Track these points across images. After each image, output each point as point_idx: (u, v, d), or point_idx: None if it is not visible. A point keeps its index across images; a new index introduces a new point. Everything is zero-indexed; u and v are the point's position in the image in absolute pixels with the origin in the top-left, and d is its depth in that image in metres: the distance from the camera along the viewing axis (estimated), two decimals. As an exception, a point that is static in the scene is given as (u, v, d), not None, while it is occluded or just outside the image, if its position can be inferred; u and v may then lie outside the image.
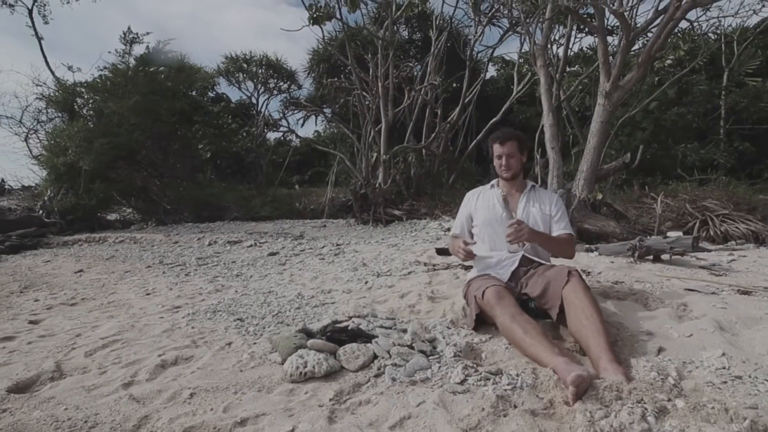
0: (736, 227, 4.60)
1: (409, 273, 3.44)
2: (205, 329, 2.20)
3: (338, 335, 1.83)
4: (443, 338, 1.88)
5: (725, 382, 1.41)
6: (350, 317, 2.16)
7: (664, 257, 3.53)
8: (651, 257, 3.53)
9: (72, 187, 7.61)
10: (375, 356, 1.68)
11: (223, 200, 8.86)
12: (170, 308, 2.74)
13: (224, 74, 15.73)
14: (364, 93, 8.45)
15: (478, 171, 10.82)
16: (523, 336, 1.67)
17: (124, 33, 9.73)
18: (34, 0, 11.57)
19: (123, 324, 2.37)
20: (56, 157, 7.46)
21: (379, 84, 8.11)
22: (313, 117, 13.72)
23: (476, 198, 2.38)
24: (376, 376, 1.57)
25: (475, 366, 1.60)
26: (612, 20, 5.70)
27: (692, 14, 5.03)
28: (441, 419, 1.26)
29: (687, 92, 9.67)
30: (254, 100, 16.36)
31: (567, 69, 8.39)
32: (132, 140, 7.89)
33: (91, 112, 8.33)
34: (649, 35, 5.55)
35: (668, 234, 4.34)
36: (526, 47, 9.06)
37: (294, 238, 6.11)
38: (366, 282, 3.20)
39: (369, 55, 8.79)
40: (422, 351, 1.71)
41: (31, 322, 2.65)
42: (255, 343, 1.96)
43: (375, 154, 7.93)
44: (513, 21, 7.25)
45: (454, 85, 11.12)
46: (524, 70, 9.69)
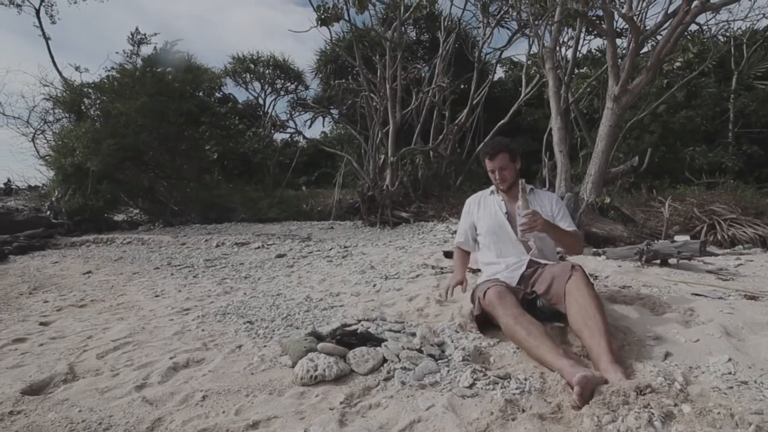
0: (744, 231, 4.57)
1: (417, 276, 3.45)
2: (215, 332, 2.23)
3: (348, 338, 1.85)
4: (452, 342, 1.89)
5: (731, 388, 1.41)
6: (359, 320, 2.18)
7: (672, 261, 3.52)
8: (658, 261, 3.52)
9: (79, 188, 7.69)
10: (384, 360, 1.70)
11: (231, 201, 8.92)
12: (180, 310, 2.77)
13: (231, 75, 15.83)
14: (372, 95, 8.48)
15: (485, 173, 10.80)
16: (527, 337, 1.68)
17: (132, 34, 9.82)
18: (42, 0, 11.69)
19: (133, 326, 2.41)
20: (64, 158, 7.54)
21: (387, 86, 8.13)
22: (321, 118, 13.77)
23: (477, 206, 2.39)
24: (386, 380, 1.58)
25: (484, 370, 1.61)
26: (621, 23, 5.69)
27: (701, 17, 5.00)
28: (450, 423, 1.27)
29: (696, 95, 9.61)
30: (261, 101, 16.46)
31: (575, 71, 8.37)
32: (139, 141, 7.96)
33: (99, 113, 8.41)
34: (658, 37, 5.54)
35: (675, 238, 4.33)
36: (535, 49, 9.07)
37: (301, 240, 6.14)
38: (374, 285, 3.21)
39: (377, 57, 8.81)
40: (431, 355, 1.72)
41: (42, 324, 2.69)
42: (265, 346, 1.98)
43: (383, 156, 7.95)
44: (522, 23, 7.24)
45: (462, 87, 11.12)
46: (532, 72, 9.67)
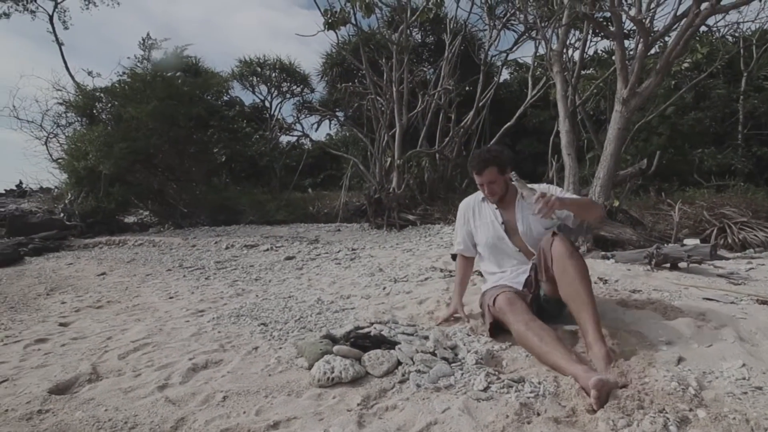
0: (755, 235, 4.55)
1: (426, 279, 3.48)
2: (231, 333, 2.27)
3: (362, 341, 1.89)
4: (464, 345, 1.92)
5: (746, 393, 1.42)
6: (372, 323, 2.21)
7: (682, 265, 3.52)
8: (668, 265, 3.52)
9: (92, 191, 7.83)
10: (399, 362, 1.73)
11: (239, 204, 9.00)
12: (194, 312, 2.82)
13: (238, 78, 15.98)
14: (378, 98, 8.52)
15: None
16: (539, 343, 1.70)
17: (143, 39, 9.99)
18: (55, 6, 11.91)
19: (151, 327, 2.46)
20: (77, 161, 7.68)
21: (394, 89, 8.17)
22: (327, 121, 13.85)
23: (472, 214, 2.32)
24: (401, 382, 1.61)
25: (497, 373, 1.64)
26: (628, 24, 5.69)
27: (711, 18, 4.98)
28: (466, 426, 1.30)
29: (704, 96, 9.55)
30: (267, 104, 16.60)
31: (582, 72, 8.36)
32: (150, 144, 8.08)
33: (110, 117, 8.54)
34: (666, 39, 5.53)
35: (685, 242, 4.32)
36: (541, 51, 9.07)
37: (309, 242, 6.19)
38: (384, 288, 3.25)
39: (383, 60, 8.87)
40: (444, 358, 1.75)
41: (62, 324, 2.76)
42: (281, 348, 2.02)
43: (389, 159, 7.99)
44: (528, 26, 7.25)
45: (467, 89, 11.14)
46: (538, 73, 9.66)
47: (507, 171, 2.08)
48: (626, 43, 5.64)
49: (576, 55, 7.60)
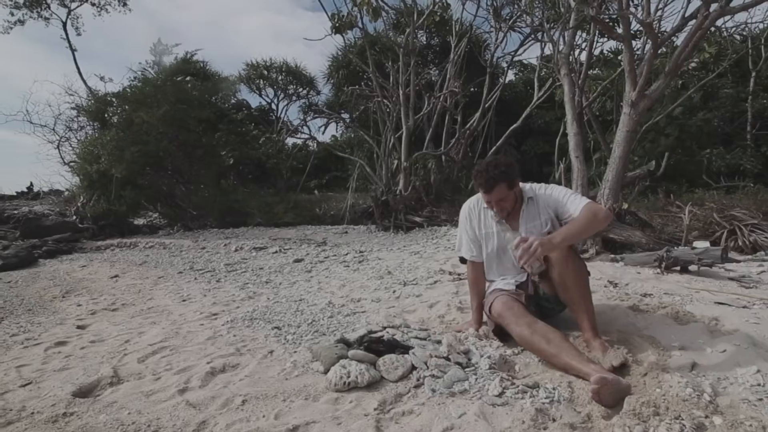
0: (766, 237, 4.52)
1: (435, 282, 3.50)
2: (246, 337, 2.31)
3: (375, 346, 1.91)
4: (477, 350, 1.94)
5: (761, 400, 1.43)
6: (384, 327, 2.24)
7: (692, 268, 3.51)
8: (678, 268, 3.51)
9: (104, 194, 7.94)
10: (413, 367, 1.75)
11: (247, 206, 9.07)
12: (208, 315, 2.86)
13: (245, 81, 16.12)
14: (385, 100, 8.56)
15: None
16: (547, 346, 1.71)
17: (154, 45, 10.13)
18: (68, 13, 12.09)
19: (167, 331, 2.50)
20: (90, 165, 7.80)
21: (400, 91, 8.21)
22: (333, 123, 13.90)
23: (478, 220, 2.16)
24: (416, 387, 1.64)
25: (511, 378, 1.66)
26: (635, 25, 5.68)
27: (719, 19, 4.95)
28: (483, 431, 1.33)
29: (712, 96, 9.48)
30: (273, 106, 16.72)
31: (588, 73, 8.34)
32: (160, 148, 8.19)
33: (121, 121, 8.65)
34: (673, 39, 5.51)
35: (695, 244, 4.30)
36: (547, 52, 9.06)
37: (317, 245, 6.23)
38: (394, 291, 3.27)
39: (390, 62, 8.90)
40: (458, 363, 1.77)
41: (79, 327, 2.81)
42: (295, 352, 2.05)
43: (396, 161, 8.02)
44: (534, 28, 7.25)
45: (472, 89, 11.14)
46: (543, 73, 9.65)
47: (516, 184, 1.95)
48: (633, 44, 5.63)
49: (583, 56, 7.58)
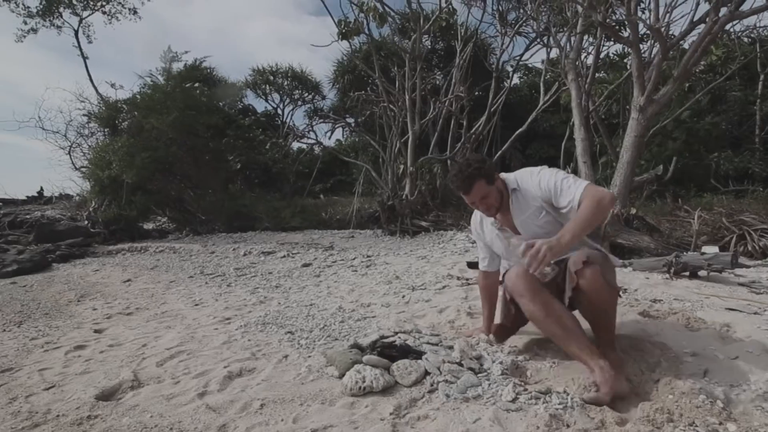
0: (776, 241, 4.50)
1: (444, 287, 3.53)
2: (261, 342, 2.35)
3: (389, 351, 1.94)
4: (488, 356, 1.96)
5: (774, 407, 1.45)
6: (396, 333, 2.27)
7: (701, 274, 3.51)
8: (687, 273, 3.51)
9: (115, 199, 8.07)
10: (426, 372, 1.78)
11: (255, 211, 9.16)
12: (221, 319, 2.91)
13: (252, 86, 16.27)
14: (391, 105, 8.61)
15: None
16: (558, 330, 1.67)
17: (164, 52, 10.30)
18: (80, 21, 12.31)
19: (183, 335, 2.55)
20: (101, 171, 7.93)
21: (407, 96, 8.26)
22: (339, 127, 14.00)
23: (482, 230, 2.11)
24: (430, 392, 1.66)
25: (523, 384, 1.68)
26: (642, 28, 5.68)
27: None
28: (498, 436, 1.35)
29: (720, 99, 9.44)
30: (279, 111, 16.85)
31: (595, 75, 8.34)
32: (169, 154, 8.30)
33: (132, 127, 8.79)
34: (681, 43, 5.50)
35: (704, 249, 4.29)
36: (552, 55, 9.08)
37: (324, 249, 6.28)
38: (403, 296, 3.30)
39: (395, 68, 8.97)
40: (471, 368, 1.80)
41: (96, 331, 2.87)
42: (309, 357, 2.09)
43: (402, 166, 8.06)
44: (540, 33, 7.28)
45: (477, 93, 11.17)
46: (548, 77, 9.67)
47: (496, 178, 1.87)
48: (641, 47, 5.63)
49: (589, 59, 7.60)
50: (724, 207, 5.50)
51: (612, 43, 9.78)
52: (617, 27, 7.32)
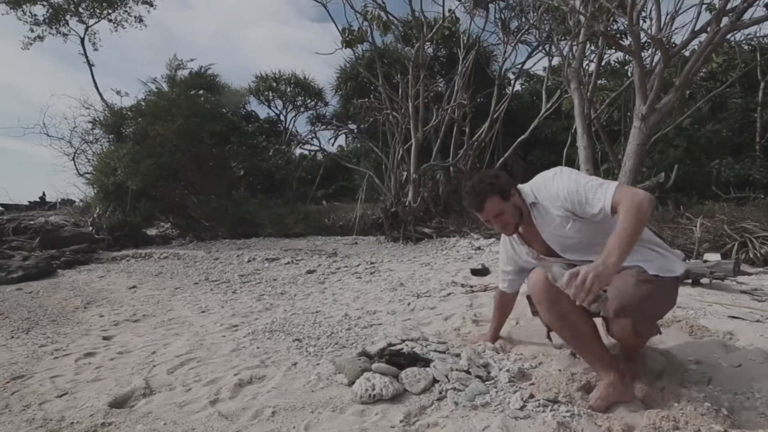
0: (778, 249, 4.52)
1: (449, 294, 3.56)
2: (269, 349, 2.38)
3: (397, 359, 1.97)
4: (495, 363, 1.99)
5: (778, 415, 1.47)
6: (403, 340, 2.29)
7: (704, 281, 3.53)
8: (690, 281, 3.54)
9: (119, 205, 8.13)
10: (434, 380, 1.81)
11: (258, 217, 9.21)
12: (229, 327, 2.94)
13: (254, 93, 16.41)
14: (394, 113, 8.69)
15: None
16: (574, 339, 1.65)
17: (170, 60, 10.44)
18: (86, 29, 12.45)
19: (192, 342, 2.58)
20: (106, 177, 8.00)
21: (410, 104, 8.34)
22: (342, 134, 14.10)
23: (516, 251, 1.96)
24: (439, 400, 1.69)
25: (531, 392, 1.71)
26: (644, 36, 5.74)
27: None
28: (507, 443, 1.38)
29: (721, 107, 9.51)
30: (282, 117, 16.98)
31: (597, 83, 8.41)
32: (174, 160, 8.38)
33: (137, 134, 8.87)
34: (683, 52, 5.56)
35: (706, 256, 4.32)
36: (554, 62, 9.15)
37: (328, 256, 6.31)
38: (408, 303, 3.33)
39: (399, 75, 9.05)
40: (478, 376, 1.83)
41: (105, 338, 2.89)
42: (318, 364, 2.11)
43: (405, 173, 8.12)
44: (542, 41, 7.36)
45: (479, 100, 11.26)
46: (549, 83, 9.75)
47: (512, 194, 1.72)
48: (642, 55, 5.69)
49: (591, 66, 7.66)
50: (726, 214, 5.53)
51: (613, 51, 9.86)
52: (619, 36, 7.40)
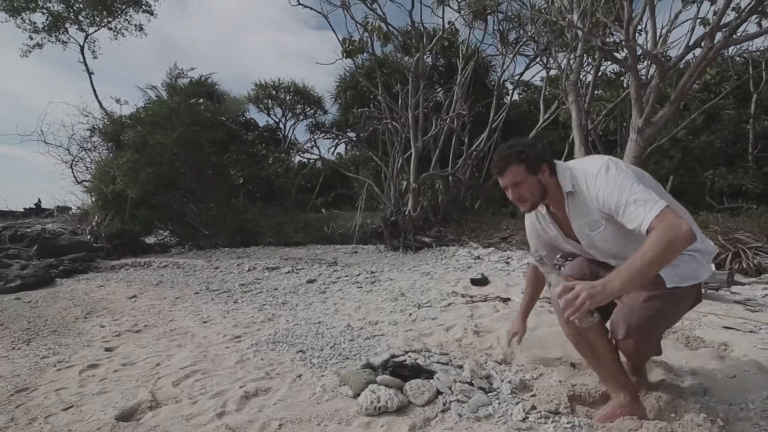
0: (771, 259, 4.60)
1: (449, 305, 3.60)
2: (273, 361, 2.40)
3: (400, 370, 2.00)
4: (497, 375, 2.03)
5: (772, 426, 1.51)
6: (406, 352, 2.33)
7: (700, 291, 3.58)
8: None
9: (118, 213, 8.13)
10: (438, 392, 1.84)
11: (258, 226, 9.23)
12: (232, 338, 2.96)
13: (254, 101, 16.50)
14: (394, 123, 8.78)
15: (503, 196, 10.97)
16: (588, 355, 1.64)
17: (170, 69, 10.51)
18: (86, 37, 12.52)
19: (195, 354, 2.60)
20: (105, 186, 8.01)
21: (410, 113, 8.43)
22: (342, 143, 14.19)
23: (543, 228, 1.80)
24: (443, 411, 1.72)
25: (533, 403, 1.74)
26: (639, 50, 5.87)
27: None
28: (511, 455, 1.41)
29: (715, 118, 9.67)
30: (281, 125, 17.07)
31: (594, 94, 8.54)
32: (173, 169, 8.41)
33: (136, 142, 8.90)
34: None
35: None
36: (551, 73, 9.29)
37: (329, 265, 6.33)
38: (410, 314, 3.36)
39: (398, 85, 9.16)
40: (481, 388, 1.86)
41: (107, 350, 2.90)
42: (323, 376, 2.14)
43: (404, 182, 8.18)
44: (539, 53, 7.49)
45: (478, 110, 11.40)
46: (546, 93, 9.89)
47: (541, 170, 1.56)
48: (638, 66, 5.79)
49: (588, 77, 7.79)
50: (720, 225, 5.61)
51: (610, 63, 10.03)
52: (615, 49, 7.53)
